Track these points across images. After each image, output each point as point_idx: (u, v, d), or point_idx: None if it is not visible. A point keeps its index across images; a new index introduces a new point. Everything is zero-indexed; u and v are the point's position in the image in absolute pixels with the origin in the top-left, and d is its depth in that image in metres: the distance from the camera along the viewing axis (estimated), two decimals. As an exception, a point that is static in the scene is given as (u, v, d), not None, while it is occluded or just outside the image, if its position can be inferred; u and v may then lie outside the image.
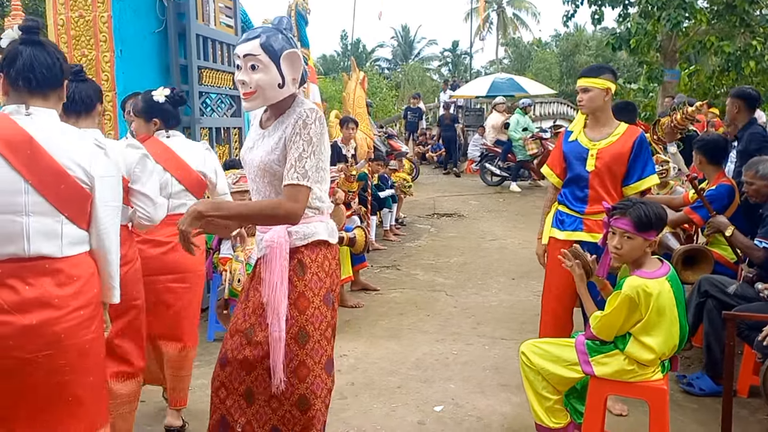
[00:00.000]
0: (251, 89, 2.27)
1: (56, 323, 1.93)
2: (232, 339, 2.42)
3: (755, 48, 11.20)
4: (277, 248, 2.29)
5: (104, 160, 2.11)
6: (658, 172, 4.99)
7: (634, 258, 2.81)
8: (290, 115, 2.31)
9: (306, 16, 8.53)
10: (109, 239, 2.13)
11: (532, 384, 2.96)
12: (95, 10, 4.81)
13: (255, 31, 2.31)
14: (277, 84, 2.27)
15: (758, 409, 3.54)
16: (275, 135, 2.32)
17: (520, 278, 6.70)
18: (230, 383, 2.40)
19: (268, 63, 2.24)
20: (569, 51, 32.11)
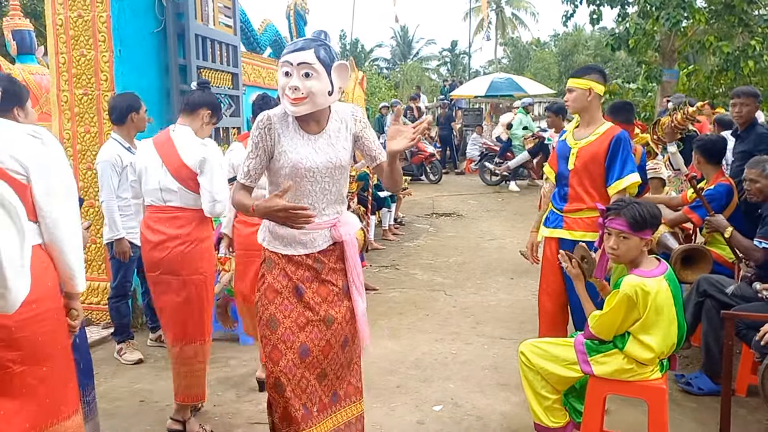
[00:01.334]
0: (303, 95, 2.42)
1: (6, 317, 1.88)
2: (302, 332, 2.56)
3: (754, 48, 11.20)
4: (353, 239, 2.68)
5: (40, 150, 2.07)
6: (650, 168, 5.03)
7: (632, 258, 2.82)
8: (342, 114, 2.62)
9: (305, 15, 8.55)
10: (60, 230, 2.10)
11: (531, 383, 2.97)
12: (94, 10, 4.81)
13: (306, 41, 2.49)
14: (327, 91, 2.46)
15: (756, 409, 3.55)
16: (340, 135, 2.59)
17: (518, 278, 6.71)
18: (309, 371, 2.57)
19: (322, 71, 2.43)
20: (568, 51, 32.12)
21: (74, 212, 2.18)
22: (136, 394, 3.94)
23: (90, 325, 5.00)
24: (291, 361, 2.53)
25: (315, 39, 2.50)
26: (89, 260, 5.04)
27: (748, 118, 4.66)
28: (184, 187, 3.31)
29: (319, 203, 2.57)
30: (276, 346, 2.53)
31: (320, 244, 2.61)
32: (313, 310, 2.59)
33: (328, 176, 2.56)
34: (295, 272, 2.59)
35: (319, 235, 2.60)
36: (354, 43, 39.84)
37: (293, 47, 2.46)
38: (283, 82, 2.45)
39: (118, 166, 4.16)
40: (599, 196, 3.55)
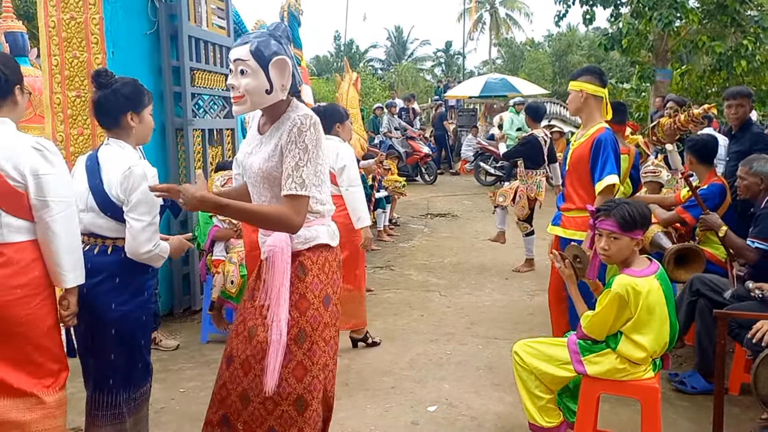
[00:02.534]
0: (239, 93, 2.29)
1: None
2: (237, 338, 2.44)
3: (746, 47, 11.23)
4: (279, 252, 2.32)
5: (40, 162, 2.33)
6: (650, 171, 5.06)
7: (623, 258, 2.83)
8: (285, 122, 2.33)
9: (299, 17, 8.53)
10: (51, 232, 2.35)
11: (525, 383, 2.97)
12: (86, 12, 4.80)
13: (248, 36, 2.34)
14: (265, 90, 2.29)
15: (749, 407, 3.57)
16: (271, 142, 2.34)
17: (513, 278, 6.72)
18: (231, 383, 2.40)
19: (257, 69, 2.26)
20: (562, 51, 32.15)
21: (68, 217, 2.39)
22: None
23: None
24: (222, 363, 2.47)
25: (259, 34, 2.33)
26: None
27: (744, 119, 4.68)
28: None
29: None
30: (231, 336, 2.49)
31: (264, 251, 2.40)
32: (247, 319, 2.43)
33: (258, 182, 2.39)
34: (259, 278, 2.47)
35: (263, 242, 2.43)
36: (348, 43, 39.83)
37: (237, 43, 2.33)
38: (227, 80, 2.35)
39: None
40: (587, 196, 3.61)
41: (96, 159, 2.71)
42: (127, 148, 2.73)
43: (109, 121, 2.73)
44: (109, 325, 2.62)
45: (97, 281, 2.59)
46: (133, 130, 2.74)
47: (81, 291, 2.53)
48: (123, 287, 2.63)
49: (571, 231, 3.64)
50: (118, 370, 2.66)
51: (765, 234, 3.73)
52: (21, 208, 2.31)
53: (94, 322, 2.63)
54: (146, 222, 2.61)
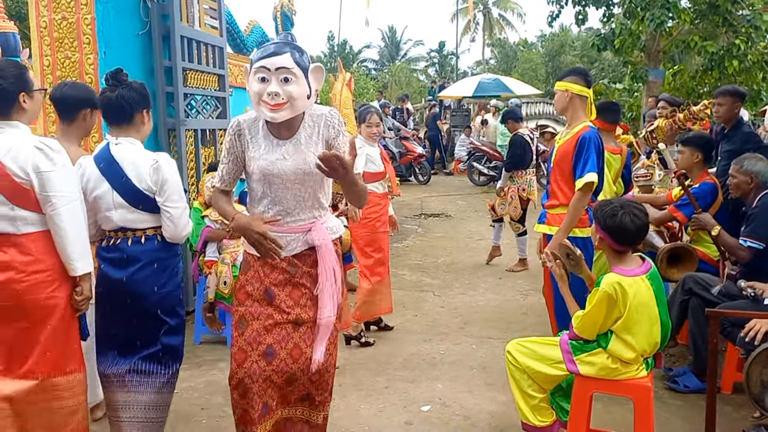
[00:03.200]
0: (283, 100, 2.38)
1: (16, 282, 2.50)
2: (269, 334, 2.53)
3: (738, 47, 11.28)
4: (327, 244, 2.57)
5: (41, 160, 2.52)
6: (641, 175, 5.09)
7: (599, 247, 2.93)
8: (316, 119, 2.53)
9: (292, 17, 8.52)
10: (56, 223, 2.55)
11: (518, 383, 2.98)
12: (78, 12, 4.78)
13: (279, 45, 2.44)
14: (306, 95, 2.44)
15: (742, 406, 3.58)
16: (311, 141, 2.51)
17: (506, 277, 6.73)
18: (276, 374, 2.53)
19: (300, 75, 2.41)
20: (555, 51, 32.23)
21: (72, 211, 2.58)
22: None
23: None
24: (255, 363, 2.51)
25: (287, 43, 2.46)
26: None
27: (727, 117, 4.63)
28: None
29: (292, 208, 2.56)
30: (242, 348, 2.53)
31: (295, 247, 2.58)
32: (282, 313, 2.56)
33: (299, 182, 2.52)
34: (269, 275, 2.58)
35: (294, 239, 2.57)
36: (342, 44, 39.81)
37: (267, 52, 2.41)
38: (260, 88, 2.40)
39: None
40: (571, 193, 3.66)
41: (111, 159, 2.80)
42: (138, 144, 2.88)
43: (122, 118, 2.85)
44: (154, 306, 2.82)
45: (135, 269, 2.78)
46: (143, 127, 2.92)
47: (121, 280, 2.75)
48: (161, 271, 2.84)
49: (556, 227, 3.67)
50: (167, 346, 2.88)
51: (757, 233, 3.75)
52: (30, 203, 2.54)
53: (139, 306, 2.80)
54: (182, 207, 2.85)
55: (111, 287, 2.81)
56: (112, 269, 2.81)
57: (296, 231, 2.58)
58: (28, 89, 2.64)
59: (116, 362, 2.86)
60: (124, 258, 2.78)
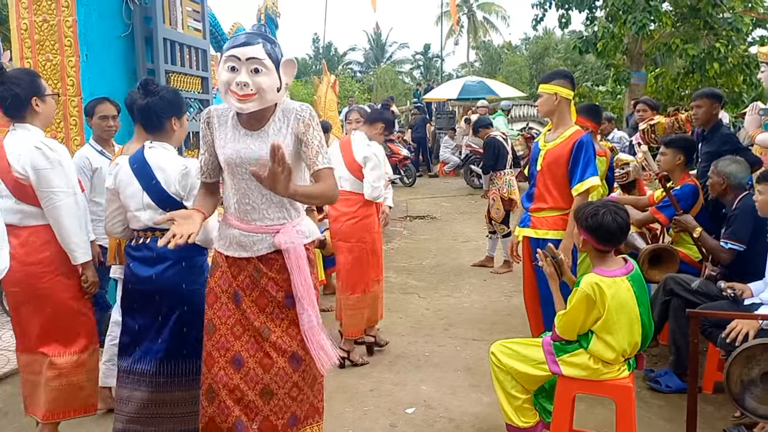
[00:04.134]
0: (252, 91, 2.32)
1: (17, 270, 2.74)
2: (238, 340, 2.46)
3: (719, 50, 11.43)
4: (297, 247, 2.46)
5: (39, 159, 2.82)
6: (619, 176, 5.14)
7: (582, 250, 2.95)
8: (287, 113, 2.45)
9: (276, 19, 8.50)
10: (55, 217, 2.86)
11: (501, 384, 2.99)
12: (59, 15, 4.74)
13: (251, 35, 2.39)
14: (276, 88, 2.38)
15: (723, 405, 3.61)
16: (281, 133, 2.43)
17: (491, 279, 6.76)
18: (245, 384, 2.45)
19: (271, 67, 2.35)
20: (539, 54, 32.48)
21: (68, 205, 2.88)
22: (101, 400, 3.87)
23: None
24: (223, 369, 2.45)
25: (260, 33, 2.44)
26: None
27: (706, 120, 4.64)
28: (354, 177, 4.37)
29: (259, 204, 2.45)
30: (210, 353, 2.49)
31: (260, 249, 2.47)
32: (249, 320, 2.48)
33: None
34: (237, 277, 2.50)
35: (260, 239, 2.47)
36: (327, 46, 39.80)
37: (238, 41, 2.35)
38: (229, 77, 2.33)
39: (86, 168, 4.06)
40: (560, 197, 3.66)
41: (144, 161, 2.92)
42: (171, 150, 3.02)
43: (152, 126, 2.99)
44: (181, 303, 2.88)
45: (164, 267, 2.86)
46: (175, 133, 3.05)
47: (151, 277, 2.86)
48: (188, 269, 2.90)
49: (543, 231, 3.68)
50: (193, 341, 2.88)
51: (737, 235, 3.80)
52: (29, 197, 2.83)
53: (166, 303, 2.88)
54: None
55: (139, 285, 2.89)
56: (141, 267, 2.89)
57: (262, 231, 2.47)
58: (41, 94, 2.96)
59: (141, 359, 2.92)
60: (153, 256, 2.86)
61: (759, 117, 5.09)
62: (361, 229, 4.41)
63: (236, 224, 2.49)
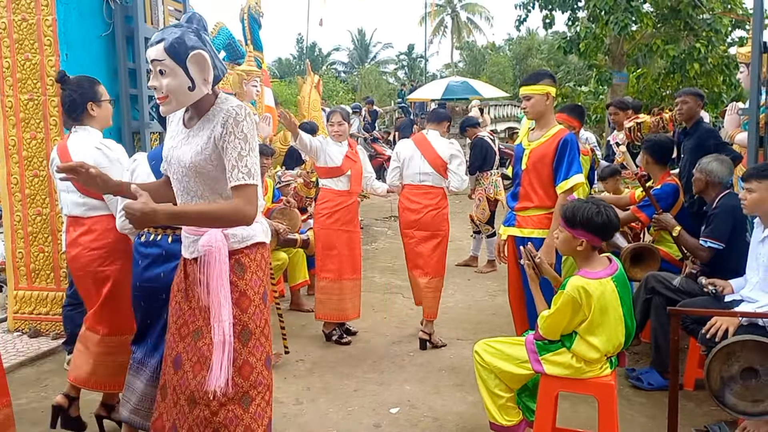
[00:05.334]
0: (163, 94, 2.23)
1: (81, 256, 3.23)
2: (182, 341, 2.38)
3: (699, 51, 11.55)
4: (216, 252, 2.25)
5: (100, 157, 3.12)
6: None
7: (567, 252, 2.92)
8: (217, 114, 2.26)
9: (259, 19, 8.46)
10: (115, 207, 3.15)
11: (485, 382, 3.00)
12: (39, 14, 4.69)
13: (161, 33, 2.26)
14: (187, 87, 2.22)
15: (704, 402, 3.65)
16: (202, 134, 2.26)
17: (475, 279, 6.78)
18: (180, 387, 2.35)
19: (174, 67, 2.20)
20: (522, 55, 32.60)
21: None
22: (87, 405, 3.82)
23: (39, 335, 4.86)
24: (169, 368, 2.40)
25: (171, 29, 2.24)
26: (36, 270, 4.90)
27: (690, 115, 4.77)
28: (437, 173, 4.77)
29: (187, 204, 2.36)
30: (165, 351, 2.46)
31: (191, 251, 2.37)
32: (189, 321, 2.39)
33: (186, 176, 2.31)
34: (188, 277, 2.42)
35: (193, 241, 2.36)
36: (311, 46, 39.72)
37: (150, 41, 2.25)
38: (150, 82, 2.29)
39: None
40: (546, 195, 3.67)
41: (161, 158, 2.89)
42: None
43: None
44: None
45: (174, 265, 2.78)
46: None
47: (159, 276, 2.87)
48: None
49: (528, 230, 3.69)
50: None
51: (716, 233, 3.83)
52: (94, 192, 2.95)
53: None
54: None
55: (147, 283, 2.91)
56: (151, 265, 2.89)
57: (192, 233, 2.37)
58: (97, 99, 3.30)
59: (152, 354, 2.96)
60: (163, 254, 2.86)
61: (738, 117, 5.17)
62: (441, 219, 4.83)
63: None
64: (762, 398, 2.80)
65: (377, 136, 14.75)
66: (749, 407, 2.84)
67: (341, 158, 4.76)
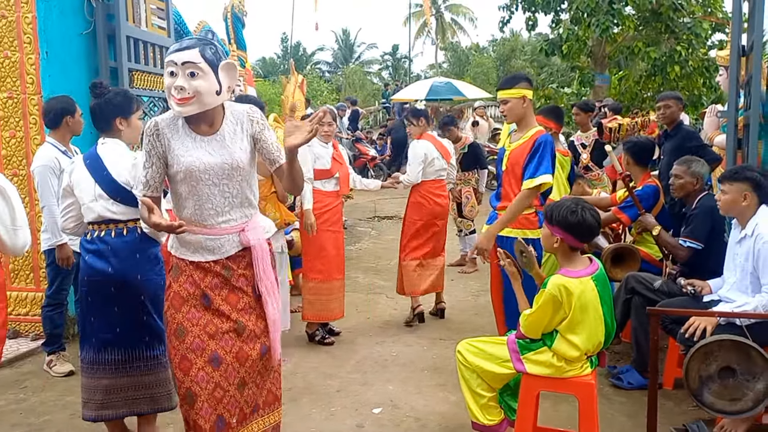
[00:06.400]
0: (189, 95, 2.38)
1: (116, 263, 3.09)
2: (215, 341, 2.51)
3: (679, 54, 11.69)
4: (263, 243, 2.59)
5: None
6: None
7: (548, 249, 2.97)
8: (239, 116, 2.54)
9: (243, 18, 8.44)
10: None
11: (467, 382, 3.02)
12: (18, 11, 4.64)
13: (191, 40, 2.48)
14: (215, 91, 2.43)
15: (683, 400, 3.69)
16: (236, 137, 2.51)
17: (458, 279, 6.80)
18: (225, 380, 2.50)
19: (208, 71, 2.40)
20: (506, 56, 32.74)
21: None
22: (66, 407, 3.79)
23: (18, 336, 4.81)
24: (202, 369, 2.47)
25: (201, 38, 2.51)
26: (15, 270, 4.85)
27: (672, 119, 4.95)
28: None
29: (222, 207, 2.51)
30: (185, 356, 2.48)
31: (228, 249, 2.55)
32: (222, 318, 2.53)
33: (226, 178, 2.49)
34: (203, 279, 2.53)
35: (227, 240, 2.54)
36: (295, 46, 39.60)
37: (178, 47, 2.44)
38: (169, 82, 2.42)
39: (57, 169, 3.99)
40: None
41: (96, 156, 3.13)
42: (122, 145, 3.22)
43: (102, 125, 3.22)
44: (137, 293, 3.04)
45: (118, 260, 3.01)
46: (123, 132, 3.23)
47: (105, 271, 2.99)
48: (143, 260, 3.07)
49: (507, 229, 3.74)
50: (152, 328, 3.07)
51: (696, 233, 3.88)
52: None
53: (124, 293, 3.02)
54: None
55: (95, 277, 3.02)
56: (97, 260, 3.03)
57: (229, 232, 2.54)
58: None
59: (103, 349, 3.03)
60: (108, 249, 3.02)
61: (717, 119, 5.25)
62: None
63: (199, 230, 2.51)
64: (739, 397, 2.85)
65: (360, 136, 14.73)
66: (727, 406, 2.88)
67: (329, 160, 4.78)
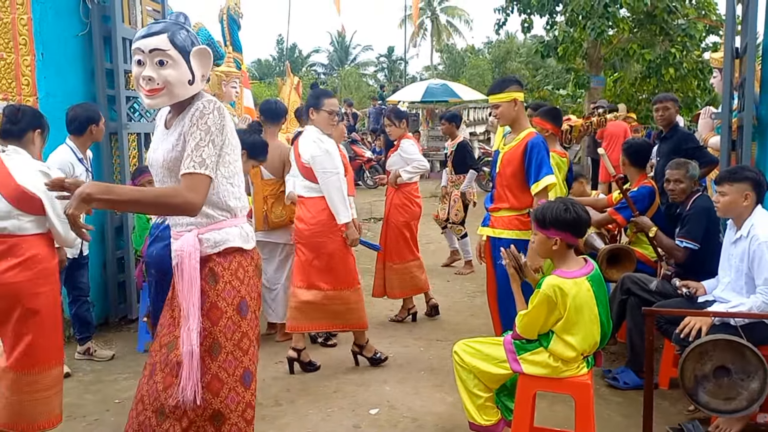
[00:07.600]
0: (158, 86, 2.15)
1: (305, 229, 4.19)
2: (159, 351, 2.30)
3: (674, 56, 11.75)
4: (187, 257, 2.17)
5: (315, 149, 3.99)
6: None
7: (545, 254, 2.95)
8: (189, 110, 2.21)
9: (238, 20, 8.43)
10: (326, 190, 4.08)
11: (464, 382, 3.02)
12: (14, 12, 4.63)
13: (158, 24, 2.20)
14: (187, 80, 2.19)
15: (678, 400, 3.71)
16: (175, 132, 2.21)
17: (454, 280, 6.81)
18: (148, 397, 2.25)
19: (178, 58, 2.16)
20: (501, 58, 32.79)
21: (334, 180, 4.06)
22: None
23: None
24: (145, 377, 2.29)
25: (170, 23, 2.22)
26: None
27: (670, 121, 5.04)
28: None
29: None
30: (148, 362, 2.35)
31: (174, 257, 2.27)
32: (168, 329, 2.31)
33: (166, 176, 2.24)
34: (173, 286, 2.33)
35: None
36: (291, 48, 39.61)
37: (145, 32, 2.17)
38: (136, 71, 2.17)
39: (69, 175, 3.97)
40: (515, 198, 3.76)
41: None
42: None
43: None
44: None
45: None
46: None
47: None
48: None
49: (499, 230, 3.78)
50: None
51: (692, 234, 3.90)
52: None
53: None
54: None
55: None
56: None
57: (175, 237, 2.28)
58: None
59: None
60: None
61: (711, 121, 5.27)
62: None
63: None
64: (734, 396, 2.86)
65: (356, 138, 14.74)
66: (722, 405, 2.90)
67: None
